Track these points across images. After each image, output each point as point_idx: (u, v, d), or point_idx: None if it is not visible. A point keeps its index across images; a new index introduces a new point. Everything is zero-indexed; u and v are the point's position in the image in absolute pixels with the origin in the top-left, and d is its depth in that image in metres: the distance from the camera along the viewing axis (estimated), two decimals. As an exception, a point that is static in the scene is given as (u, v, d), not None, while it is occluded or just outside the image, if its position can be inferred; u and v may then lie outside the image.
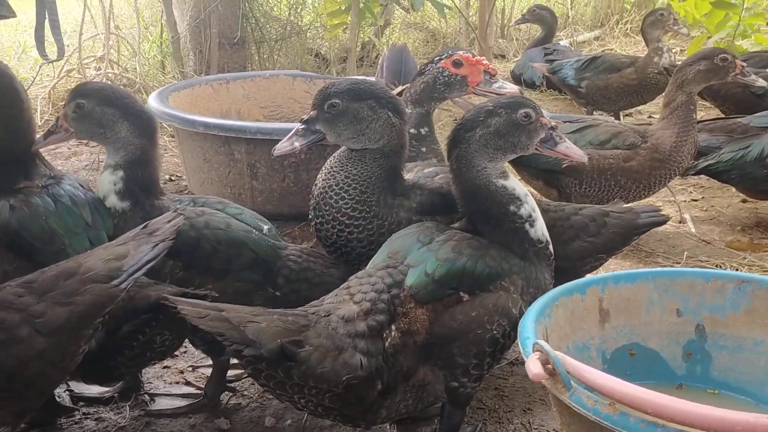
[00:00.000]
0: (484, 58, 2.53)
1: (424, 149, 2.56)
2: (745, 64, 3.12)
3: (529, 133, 1.89)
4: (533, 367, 1.42)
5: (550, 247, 1.96)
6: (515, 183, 1.93)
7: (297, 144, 2.12)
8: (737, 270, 2.96)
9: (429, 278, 1.72)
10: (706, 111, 4.97)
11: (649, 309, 1.94)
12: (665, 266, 3.06)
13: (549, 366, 1.44)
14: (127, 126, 2.11)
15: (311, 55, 6.32)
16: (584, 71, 5.00)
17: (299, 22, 6.07)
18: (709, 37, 5.65)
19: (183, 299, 1.63)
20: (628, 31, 8.01)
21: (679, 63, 3.22)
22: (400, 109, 2.14)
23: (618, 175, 3.09)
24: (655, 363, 1.94)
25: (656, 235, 3.33)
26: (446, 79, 2.45)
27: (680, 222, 3.48)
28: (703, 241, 3.26)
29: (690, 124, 3.07)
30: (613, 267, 3.05)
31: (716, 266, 3.01)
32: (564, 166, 3.11)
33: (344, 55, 5.86)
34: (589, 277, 1.93)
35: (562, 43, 7.19)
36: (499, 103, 1.88)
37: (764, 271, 2.96)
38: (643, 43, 4.91)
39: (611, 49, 7.28)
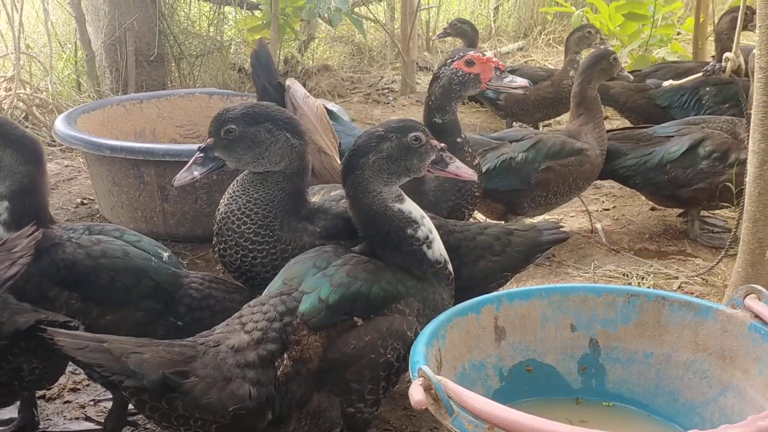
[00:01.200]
0: (494, 55, 2.60)
1: (467, 154, 2.65)
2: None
3: (420, 156, 1.90)
4: (415, 393, 1.42)
5: (449, 266, 1.98)
6: (411, 206, 1.94)
7: (196, 173, 2.10)
8: (643, 278, 3.05)
9: (322, 304, 1.71)
10: (621, 121, 5.11)
11: (544, 325, 1.98)
12: (576, 276, 3.12)
13: (433, 391, 1.45)
14: (10, 153, 2.03)
15: (234, 70, 6.26)
16: None
17: (220, 38, 6.00)
18: (623, 48, 5.83)
19: (62, 330, 1.58)
20: (551, 41, 8.19)
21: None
22: (298, 130, 2.13)
23: (578, 179, 3.31)
24: (551, 378, 1.98)
25: (567, 245, 3.40)
26: (460, 78, 2.56)
27: (592, 232, 3.56)
28: (613, 250, 3.34)
29: (601, 115, 3.37)
30: (525, 278, 3.10)
31: (624, 275, 3.09)
32: (533, 181, 3.25)
33: (267, 70, 5.83)
34: (484, 295, 1.95)
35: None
36: (389, 128, 1.89)
37: (668, 279, 3.05)
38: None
39: (533, 60, 7.43)
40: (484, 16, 8.31)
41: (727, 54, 2.60)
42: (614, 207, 3.89)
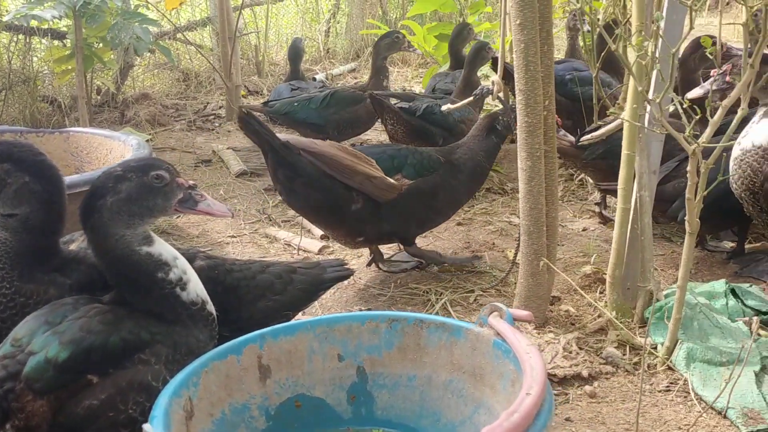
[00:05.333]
0: (326, 77, 2.83)
1: None
2: None
3: (165, 195, 1.84)
4: (133, 455, 1.35)
5: (208, 306, 1.93)
6: (162, 247, 1.87)
7: None
8: (441, 294, 3.12)
9: (49, 365, 1.60)
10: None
11: (312, 358, 1.96)
12: (378, 296, 3.15)
13: (157, 449, 1.38)
14: None
15: (47, 102, 5.90)
16: (328, 108, 5.10)
17: (26, 70, 5.64)
18: (439, 67, 6.05)
19: None
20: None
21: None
22: (46, 175, 2.03)
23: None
24: (321, 411, 1.96)
25: (373, 265, 3.44)
26: None
27: (399, 250, 3.62)
28: (418, 267, 3.41)
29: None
30: (330, 304, 3.10)
31: (424, 292, 3.16)
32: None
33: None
34: (245, 335, 1.90)
35: (317, 76, 7.36)
36: (128, 167, 1.82)
37: (466, 292, 3.15)
38: (396, 73, 5.25)
39: (364, 81, 7.54)
40: (312, 39, 8.35)
41: (493, 78, 2.73)
42: (424, 224, 3.98)
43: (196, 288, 1.90)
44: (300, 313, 2.99)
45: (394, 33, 5.05)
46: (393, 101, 4.50)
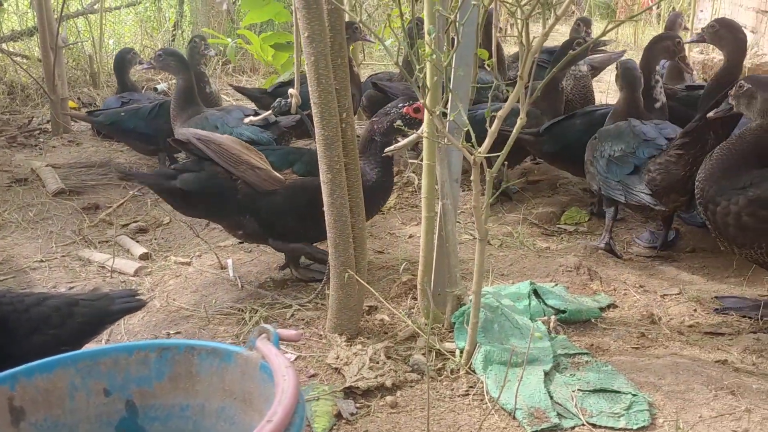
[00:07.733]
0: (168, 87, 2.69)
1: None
2: None
3: None
4: None
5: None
6: None
7: None
8: (257, 311, 3.05)
9: None
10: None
11: (74, 395, 1.83)
12: (189, 318, 3.03)
13: None
14: None
15: None
16: (158, 118, 4.91)
17: None
18: (279, 75, 5.98)
19: None
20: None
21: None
22: None
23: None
24: (83, 450, 1.83)
25: (192, 286, 3.32)
26: (407, 120, 3.16)
27: (222, 268, 3.52)
28: (237, 285, 3.32)
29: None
30: (137, 327, 2.95)
31: (239, 310, 3.07)
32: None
33: None
34: (-8, 376, 1.75)
35: (159, 86, 7.10)
36: None
37: (283, 308, 3.09)
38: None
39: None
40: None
41: (291, 90, 2.70)
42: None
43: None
44: (105, 339, 2.85)
45: (195, 38, 5.01)
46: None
